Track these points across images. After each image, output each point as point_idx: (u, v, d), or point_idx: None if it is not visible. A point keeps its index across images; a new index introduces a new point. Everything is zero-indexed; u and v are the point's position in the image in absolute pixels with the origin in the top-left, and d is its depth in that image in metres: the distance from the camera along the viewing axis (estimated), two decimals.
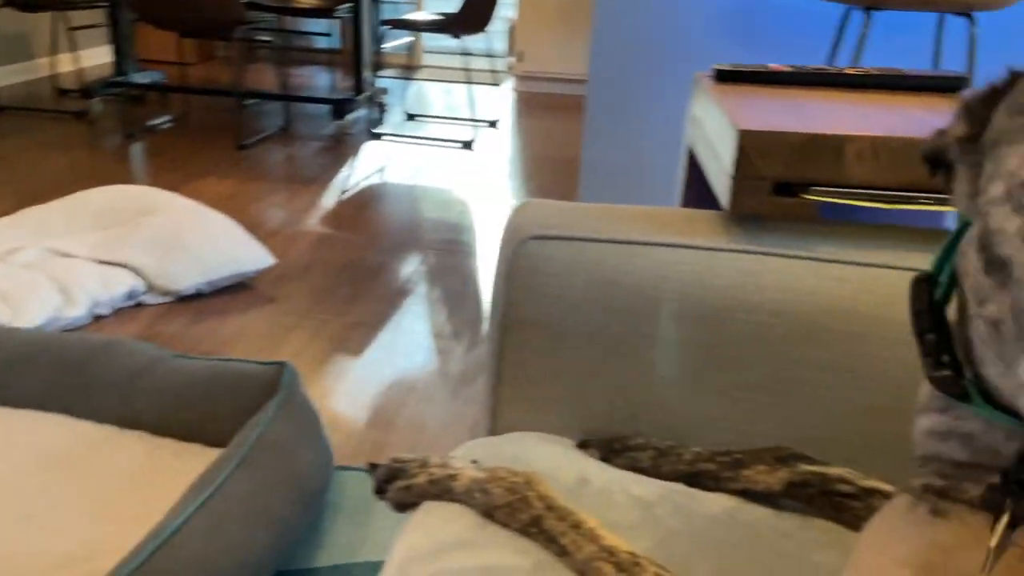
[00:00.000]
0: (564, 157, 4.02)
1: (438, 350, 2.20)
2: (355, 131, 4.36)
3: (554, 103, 5.25)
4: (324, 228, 3.02)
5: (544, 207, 0.93)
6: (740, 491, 0.83)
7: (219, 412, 1.60)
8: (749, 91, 1.01)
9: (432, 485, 0.80)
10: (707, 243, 0.86)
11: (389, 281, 2.61)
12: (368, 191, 3.47)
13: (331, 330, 2.27)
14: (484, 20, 4.09)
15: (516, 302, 0.88)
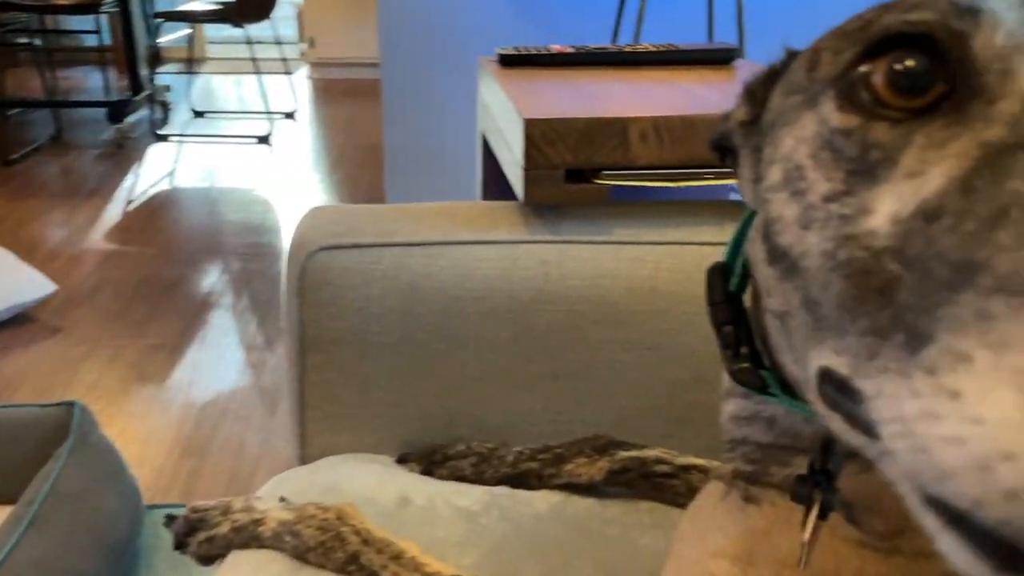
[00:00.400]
0: (369, 144, 3.92)
1: (250, 364, 2.08)
2: (137, 134, 4.04)
3: (353, 89, 5.11)
4: (111, 244, 2.78)
5: (333, 213, 0.87)
6: (564, 485, 0.82)
7: (3, 466, 1.43)
8: (533, 75, 1.00)
9: (236, 534, 0.73)
10: (507, 236, 0.84)
11: (189, 295, 2.43)
12: (158, 198, 3.23)
13: (129, 356, 2.08)
14: (267, 7, 3.90)
15: (312, 319, 0.82)
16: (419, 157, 2.47)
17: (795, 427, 0.49)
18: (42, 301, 2.26)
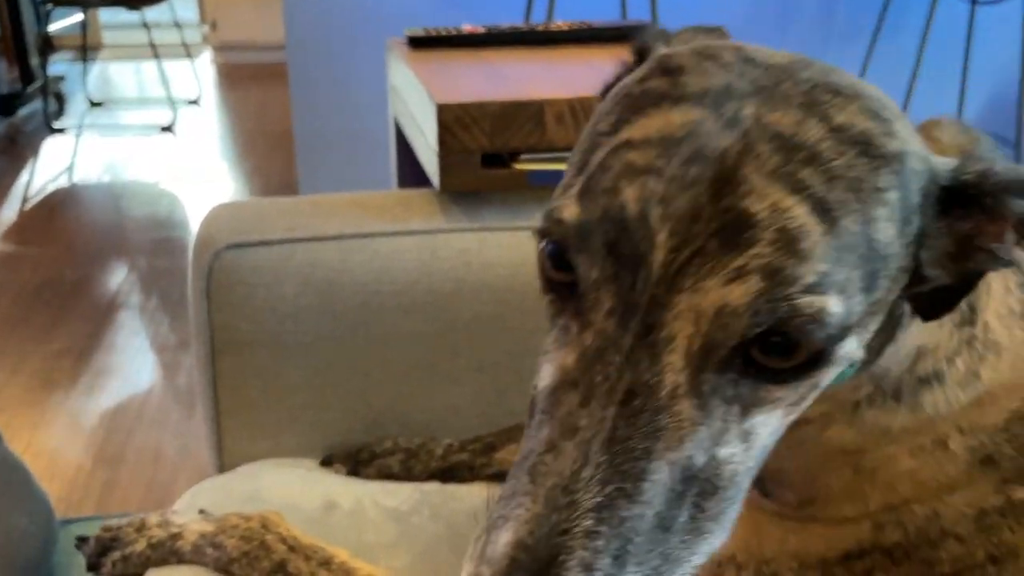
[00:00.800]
0: (279, 131, 3.79)
1: (163, 365, 2.00)
2: (30, 128, 3.83)
3: (260, 73, 4.95)
4: (7, 245, 2.62)
5: (238, 209, 0.83)
6: (496, 475, 0.81)
7: None
8: (444, 56, 0.97)
9: (153, 550, 0.69)
10: (425, 226, 0.81)
11: (95, 296, 2.32)
12: (56, 196, 3.06)
13: (32, 364, 1.97)
14: None
15: (222, 322, 0.78)
16: (331, 143, 2.40)
17: None
18: None
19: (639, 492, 0.33)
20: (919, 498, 0.46)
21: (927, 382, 0.46)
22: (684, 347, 0.34)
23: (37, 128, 3.82)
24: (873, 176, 0.36)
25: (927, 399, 0.45)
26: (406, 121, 0.97)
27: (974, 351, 0.45)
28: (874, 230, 0.36)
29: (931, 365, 0.45)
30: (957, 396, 0.46)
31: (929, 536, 0.47)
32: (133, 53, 5.35)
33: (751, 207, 0.34)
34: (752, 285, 0.33)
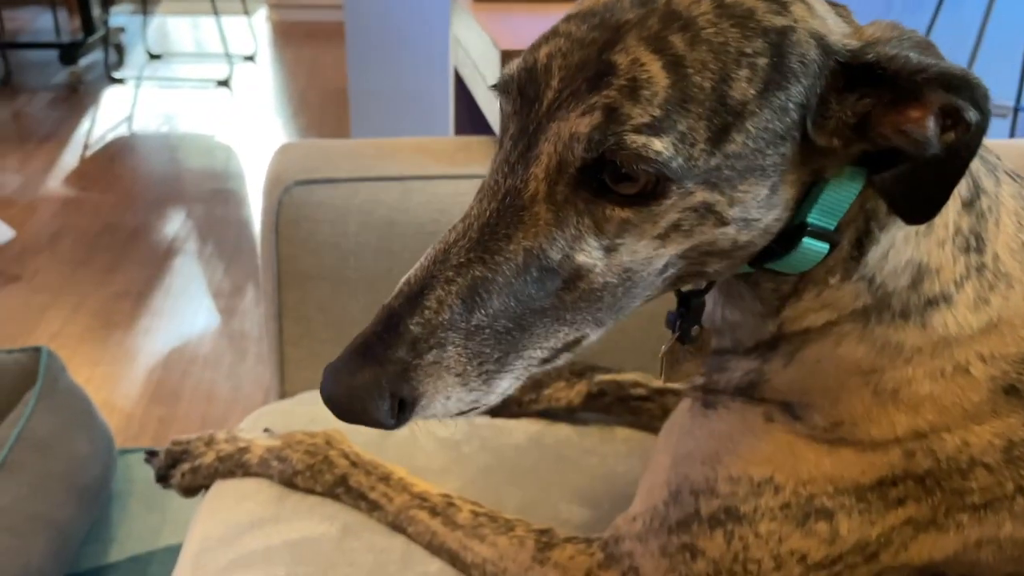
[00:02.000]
0: (332, 88, 3.84)
1: (219, 309, 2.06)
2: (91, 77, 3.92)
3: (315, 31, 4.99)
4: (69, 190, 2.71)
5: (307, 148, 0.86)
6: (543, 412, 0.84)
7: None
8: (507, 7, 0.98)
9: (222, 463, 0.73)
10: (483, 171, 0.83)
11: (153, 242, 2.39)
12: (116, 144, 3.15)
13: (93, 304, 2.05)
14: None
15: (288, 255, 0.82)
16: (385, 99, 2.43)
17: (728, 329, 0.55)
18: None
19: (493, 262, 0.43)
20: (946, 425, 0.49)
21: (934, 303, 0.49)
22: (545, 163, 0.43)
23: (98, 78, 3.91)
24: (741, 43, 0.42)
25: (935, 319, 0.49)
26: (468, 71, 0.99)
27: (984, 279, 0.49)
28: (730, 88, 0.41)
29: (937, 287, 0.49)
30: (967, 318, 0.49)
31: (959, 465, 0.49)
32: (191, 8, 5.42)
33: (617, 59, 0.41)
34: (595, 119, 0.41)
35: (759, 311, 0.52)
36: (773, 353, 0.52)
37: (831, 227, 0.46)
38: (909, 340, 0.49)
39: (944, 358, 0.49)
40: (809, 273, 0.49)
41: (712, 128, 0.41)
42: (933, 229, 0.48)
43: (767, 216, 0.45)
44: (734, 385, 0.54)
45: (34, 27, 4.82)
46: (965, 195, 0.49)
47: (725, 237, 0.44)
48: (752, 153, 0.42)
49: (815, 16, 0.44)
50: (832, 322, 0.50)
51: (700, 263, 0.46)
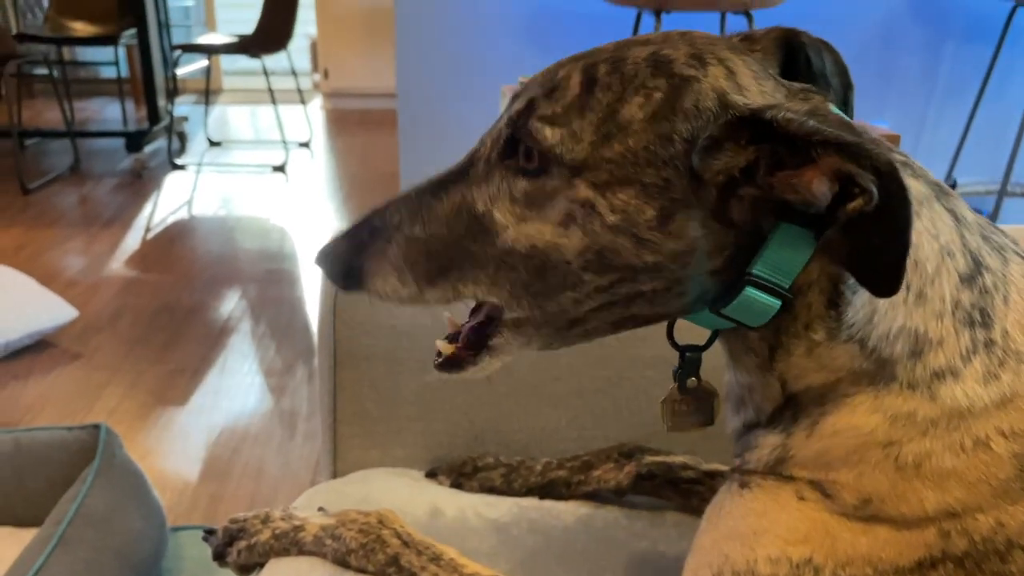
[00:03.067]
0: (383, 173, 3.97)
1: (270, 388, 2.10)
2: (155, 164, 4.11)
3: (367, 119, 5.18)
4: (130, 271, 2.82)
5: None
6: (592, 494, 0.84)
7: (29, 488, 1.45)
8: None
9: (277, 540, 0.75)
10: None
11: (209, 321, 2.46)
12: (176, 226, 3.27)
13: (149, 381, 2.11)
14: (283, 39, 3.97)
15: (345, 336, 0.84)
16: None
17: (748, 395, 0.57)
18: (63, 327, 2.29)
19: (439, 196, 0.55)
20: (978, 504, 0.49)
21: (941, 376, 0.50)
22: (493, 135, 0.54)
23: (161, 164, 4.09)
24: (647, 78, 0.50)
25: (944, 391, 0.50)
26: None
27: (993, 355, 0.51)
28: (622, 107, 0.50)
29: (943, 360, 0.50)
30: (977, 392, 0.50)
31: (996, 547, 0.49)
32: (250, 97, 5.68)
33: (560, 74, 0.52)
34: (520, 107, 0.52)
35: (756, 363, 0.55)
36: (795, 426, 0.54)
37: (784, 284, 0.50)
38: (921, 411, 0.50)
39: (961, 431, 0.50)
40: (785, 326, 0.52)
41: (598, 133, 0.50)
42: (926, 300, 0.51)
43: (667, 243, 0.50)
44: (764, 463, 0.56)
45: (103, 116, 5.09)
46: (963, 270, 0.51)
47: (625, 249, 0.50)
48: (630, 165, 0.49)
49: (730, 81, 0.50)
50: (836, 384, 0.52)
51: (627, 282, 0.52)
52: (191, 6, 6.35)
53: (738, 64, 0.51)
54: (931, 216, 0.52)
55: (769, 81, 0.52)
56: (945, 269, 0.51)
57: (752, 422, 0.58)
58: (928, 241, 0.51)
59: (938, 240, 0.51)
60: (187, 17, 6.28)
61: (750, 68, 0.52)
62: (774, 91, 0.51)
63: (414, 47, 2.41)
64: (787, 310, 0.52)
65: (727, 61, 0.51)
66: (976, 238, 0.53)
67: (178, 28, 5.99)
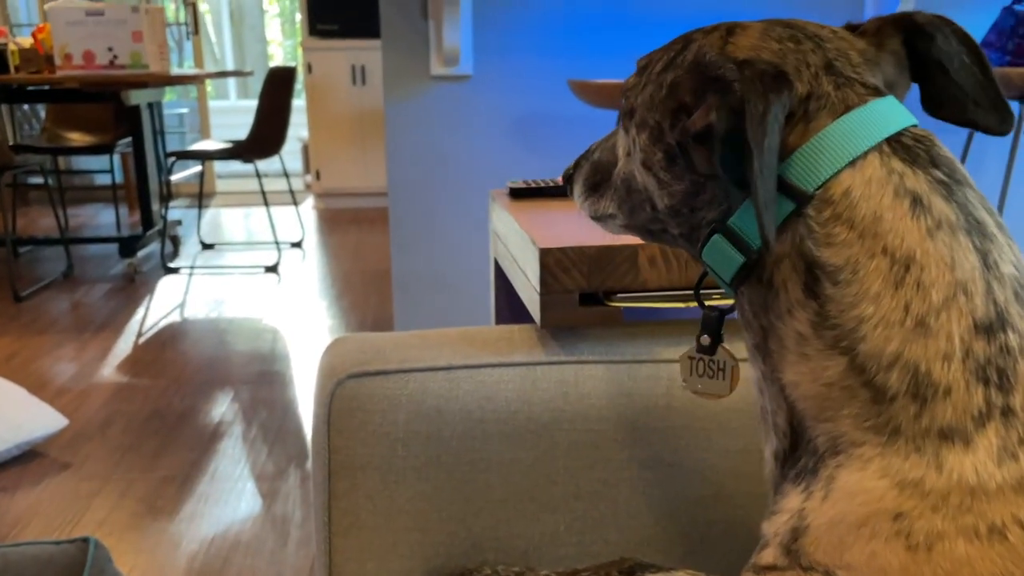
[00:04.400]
0: (375, 270, 4.01)
1: (262, 493, 2.07)
2: (148, 268, 4.14)
3: (359, 217, 5.27)
4: (121, 377, 2.80)
5: (358, 341, 0.91)
6: None
7: None
8: (542, 205, 1.05)
9: None
10: (527, 359, 0.87)
11: (200, 425, 2.44)
12: (168, 330, 3.28)
13: (139, 489, 2.08)
14: (276, 145, 4.07)
15: (339, 446, 0.84)
16: (427, 282, 2.53)
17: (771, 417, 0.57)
18: (51, 436, 2.27)
19: (602, 145, 0.67)
20: None
21: (948, 438, 0.46)
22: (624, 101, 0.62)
23: (154, 268, 4.13)
24: (674, 43, 0.57)
25: (951, 460, 0.46)
26: (507, 263, 1.05)
27: (1011, 427, 0.46)
28: (654, 67, 0.57)
29: (950, 416, 0.46)
30: (990, 470, 0.46)
31: None
32: (243, 199, 5.78)
33: None
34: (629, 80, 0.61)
35: (754, 343, 0.55)
36: (815, 481, 0.52)
37: (752, 242, 0.52)
38: (929, 481, 0.47)
39: (975, 514, 0.46)
40: (770, 303, 0.52)
41: (639, 86, 0.58)
42: (930, 332, 0.47)
43: (675, 185, 0.55)
44: (780, 539, 0.53)
45: (97, 222, 5.15)
46: (981, 318, 0.47)
47: (654, 188, 0.57)
48: (646, 110, 0.56)
49: (722, 40, 0.53)
50: (839, 421, 0.49)
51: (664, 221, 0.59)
52: (186, 113, 6.53)
53: (751, 31, 0.54)
54: (950, 244, 0.48)
55: (788, 43, 0.52)
56: (956, 306, 0.47)
57: (779, 451, 0.56)
58: (937, 267, 0.47)
59: (952, 272, 0.47)
60: (182, 124, 6.44)
61: (769, 35, 0.53)
62: (780, 53, 0.52)
63: (404, 148, 2.47)
64: (768, 284, 0.52)
65: (741, 28, 0.54)
66: (1007, 293, 0.48)
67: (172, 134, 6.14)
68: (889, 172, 0.49)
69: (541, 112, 2.48)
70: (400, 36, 2.42)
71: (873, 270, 0.48)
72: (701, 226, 0.56)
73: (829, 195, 0.49)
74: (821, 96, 0.51)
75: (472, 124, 2.47)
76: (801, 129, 0.50)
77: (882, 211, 0.48)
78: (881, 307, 0.48)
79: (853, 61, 0.53)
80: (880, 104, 0.51)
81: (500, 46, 2.43)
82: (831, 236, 0.49)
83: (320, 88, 5.45)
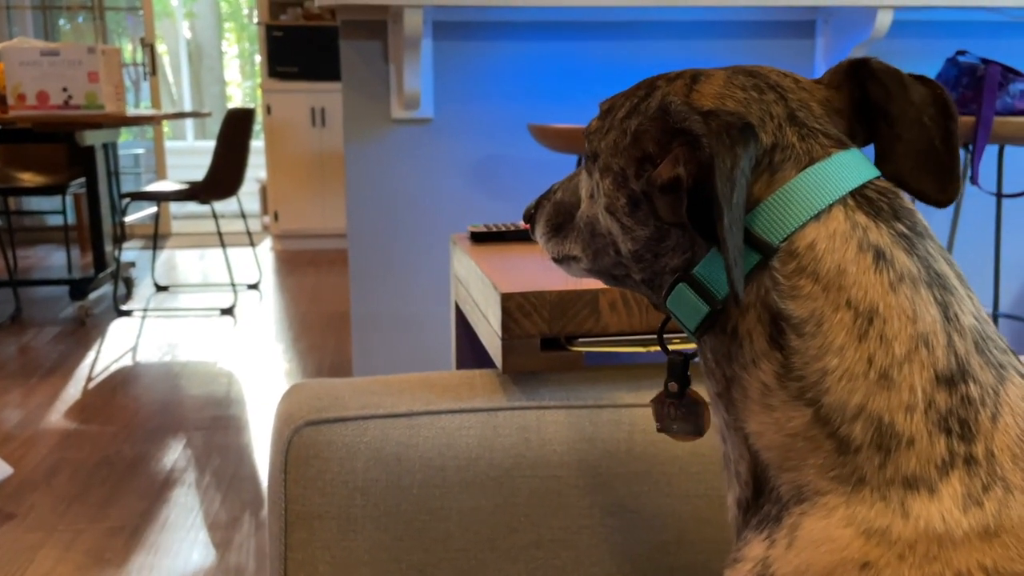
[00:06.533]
0: (333, 312, 3.97)
1: (214, 543, 2.01)
2: (99, 311, 4.05)
3: (317, 259, 5.23)
4: (70, 423, 2.72)
5: (316, 387, 0.89)
6: None
7: None
8: (503, 250, 1.06)
9: None
10: (487, 404, 0.86)
11: (151, 473, 2.37)
12: (119, 374, 3.20)
13: (86, 541, 2.00)
14: (234, 186, 4.04)
15: (296, 495, 0.82)
16: (386, 325, 2.51)
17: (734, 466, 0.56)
18: None
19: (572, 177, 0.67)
20: None
21: (913, 486, 0.47)
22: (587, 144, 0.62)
23: (105, 311, 4.04)
24: (638, 90, 0.58)
25: (917, 507, 0.46)
26: (469, 308, 1.04)
27: (975, 476, 0.47)
28: (616, 113, 0.58)
29: (915, 465, 0.47)
30: (956, 518, 0.46)
31: None
32: (198, 241, 5.70)
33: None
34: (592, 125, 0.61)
35: (716, 391, 0.55)
36: (778, 529, 0.51)
37: (717, 292, 0.52)
38: (896, 530, 0.47)
39: (941, 562, 0.46)
40: (734, 354, 0.52)
41: (603, 130, 0.58)
42: (893, 385, 0.48)
43: (638, 231, 0.56)
44: None
45: (46, 264, 5.04)
46: (942, 369, 0.48)
47: (616, 232, 0.58)
48: (610, 155, 0.57)
49: (687, 88, 0.54)
50: (803, 470, 0.49)
51: (627, 267, 0.59)
52: (142, 153, 6.46)
53: (715, 79, 0.54)
54: (911, 298, 0.48)
55: (752, 92, 0.53)
56: (919, 358, 0.48)
57: (741, 499, 0.56)
58: (899, 319, 0.48)
59: (914, 325, 0.48)
60: (137, 164, 6.37)
61: (733, 83, 0.53)
62: (745, 103, 0.52)
63: (364, 190, 2.47)
64: (732, 334, 0.51)
65: (705, 75, 0.55)
66: (967, 345, 0.49)
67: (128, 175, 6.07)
68: (853, 226, 0.50)
69: (501, 156, 2.50)
70: (361, 79, 2.43)
71: (837, 323, 0.48)
72: (664, 272, 0.56)
73: (794, 248, 0.50)
74: (786, 147, 0.51)
75: (432, 167, 2.48)
76: (766, 180, 0.51)
77: (846, 264, 0.49)
78: (845, 359, 0.48)
79: (815, 112, 0.53)
80: (844, 156, 0.52)
81: (461, 90, 2.46)
82: (796, 288, 0.49)
83: (279, 129, 5.44)
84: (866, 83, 0.55)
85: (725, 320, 0.52)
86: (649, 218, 0.55)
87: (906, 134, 0.54)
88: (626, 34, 2.46)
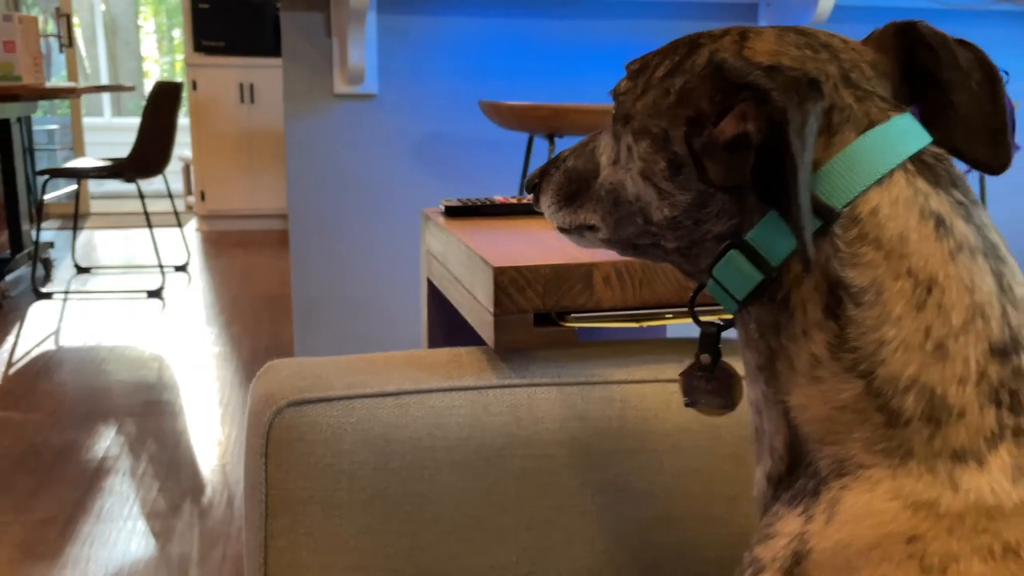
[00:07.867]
0: (267, 295, 3.86)
1: (154, 533, 1.93)
2: (17, 293, 3.84)
3: (246, 240, 5.07)
4: None
5: (296, 366, 0.85)
6: None
7: None
8: (482, 224, 1.02)
9: None
10: (477, 383, 0.83)
11: (81, 462, 2.26)
12: (41, 359, 3.04)
13: (15, 534, 1.89)
14: (161, 163, 3.87)
15: (278, 480, 0.78)
16: (330, 307, 2.45)
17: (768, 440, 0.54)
18: None
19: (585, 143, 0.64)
20: None
21: (962, 458, 0.46)
22: None
23: (24, 293, 3.84)
24: (678, 47, 0.55)
25: (966, 479, 0.46)
26: (447, 284, 1.01)
27: (1023, 447, 0.46)
28: (653, 72, 0.55)
29: (964, 438, 0.46)
30: (1005, 489, 0.46)
31: None
32: (121, 221, 5.47)
33: None
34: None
35: (757, 364, 0.53)
36: (816, 504, 0.50)
37: (771, 259, 0.50)
38: (944, 502, 0.46)
39: (990, 534, 0.45)
40: (783, 324, 0.50)
41: (639, 89, 0.56)
42: (948, 357, 0.47)
43: (679, 196, 0.53)
44: (779, 564, 0.50)
45: None
46: (996, 341, 0.47)
47: (652, 199, 0.55)
48: (648, 117, 0.54)
49: (736, 44, 0.52)
50: (847, 443, 0.48)
51: (659, 235, 0.56)
52: (56, 129, 6.15)
53: (766, 36, 0.52)
54: (969, 267, 0.48)
55: (806, 51, 0.51)
56: (974, 329, 0.47)
57: (773, 473, 0.54)
58: (958, 289, 0.47)
59: (972, 295, 0.47)
60: (52, 140, 6.07)
61: (785, 40, 0.51)
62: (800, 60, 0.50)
63: (306, 168, 2.39)
64: (783, 304, 0.50)
65: (755, 32, 0.52)
66: (1021, 316, 0.48)
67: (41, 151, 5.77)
68: (915, 192, 0.48)
69: (447, 133, 2.46)
70: (302, 53, 2.35)
71: (897, 292, 0.47)
72: (706, 240, 0.54)
73: (856, 213, 0.48)
74: (844, 108, 0.50)
75: (377, 144, 2.42)
76: (823, 142, 0.49)
77: (908, 232, 0.48)
78: (903, 330, 0.47)
79: (867, 74, 0.52)
80: (901, 120, 0.50)
81: (407, 65, 2.40)
82: (857, 256, 0.48)
83: (206, 106, 5.24)
84: (915, 48, 0.54)
85: (775, 289, 0.50)
86: (691, 182, 0.52)
87: (958, 100, 0.53)
88: (574, 12, 2.44)
